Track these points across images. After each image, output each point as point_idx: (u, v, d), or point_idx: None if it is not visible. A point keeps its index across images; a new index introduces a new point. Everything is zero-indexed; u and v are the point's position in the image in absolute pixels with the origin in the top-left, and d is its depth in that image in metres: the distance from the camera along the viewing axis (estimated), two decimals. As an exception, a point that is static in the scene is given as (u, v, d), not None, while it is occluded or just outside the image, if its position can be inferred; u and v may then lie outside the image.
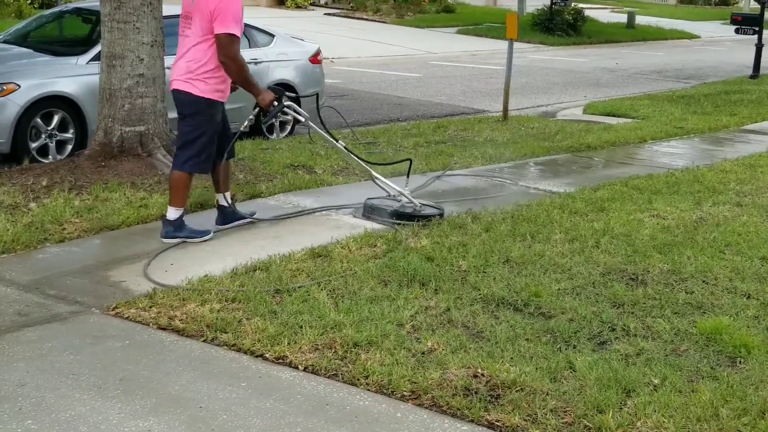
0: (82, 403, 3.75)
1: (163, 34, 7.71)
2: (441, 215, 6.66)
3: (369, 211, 6.74)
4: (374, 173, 6.79)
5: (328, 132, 6.63)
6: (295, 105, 6.43)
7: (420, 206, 6.67)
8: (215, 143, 6.09)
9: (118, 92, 7.47)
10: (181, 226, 6.00)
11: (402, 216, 6.53)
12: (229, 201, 6.36)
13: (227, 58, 5.79)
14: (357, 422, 3.71)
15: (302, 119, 6.50)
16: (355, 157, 6.79)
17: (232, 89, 6.20)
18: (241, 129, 6.25)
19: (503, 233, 6.21)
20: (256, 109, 6.27)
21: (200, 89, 5.88)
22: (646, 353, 4.40)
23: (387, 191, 6.74)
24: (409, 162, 7.18)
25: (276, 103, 6.13)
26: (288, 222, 6.56)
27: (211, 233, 6.12)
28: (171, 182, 6.05)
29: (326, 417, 3.73)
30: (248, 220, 6.43)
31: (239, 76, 5.94)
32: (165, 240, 5.94)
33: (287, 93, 6.36)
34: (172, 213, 5.98)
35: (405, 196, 6.67)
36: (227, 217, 6.35)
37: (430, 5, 34.51)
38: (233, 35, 5.78)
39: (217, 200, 6.39)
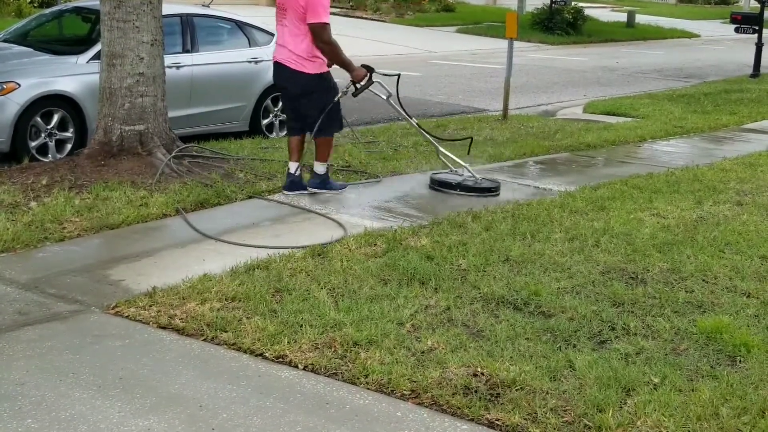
0: (81, 402, 3.75)
1: (163, 33, 7.70)
2: (498, 188, 7.54)
3: (436, 183, 7.60)
4: (441, 148, 7.78)
5: (404, 110, 7.64)
6: (381, 82, 7.37)
7: (480, 180, 7.58)
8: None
9: (118, 91, 7.46)
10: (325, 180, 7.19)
11: (465, 188, 7.45)
12: (296, 171, 7.18)
13: (323, 43, 6.85)
14: (357, 421, 3.71)
15: (384, 97, 7.49)
16: (425, 133, 7.87)
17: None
18: (336, 99, 7.09)
19: (503, 232, 6.21)
20: (349, 82, 7.20)
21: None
22: (646, 352, 4.40)
23: (450, 167, 7.73)
24: (470, 139, 8.40)
25: (367, 78, 7.15)
26: (288, 222, 6.56)
27: (347, 186, 7.36)
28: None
29: (326, 416, 3.73)
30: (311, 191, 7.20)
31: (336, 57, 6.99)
32: (311, 189, 7.12)
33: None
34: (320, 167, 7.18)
35: (468, 170, 7.61)
36: (294, 185, 7.18)
37: (429, 4, 34.49)
38: (326, 24, 6.81)
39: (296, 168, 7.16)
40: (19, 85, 8.27)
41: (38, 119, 8.37)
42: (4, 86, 8.21)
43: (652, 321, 4.79)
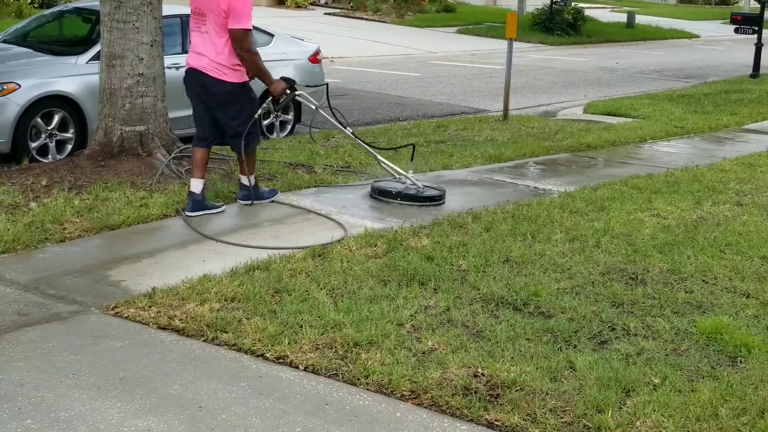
0: (81, 403, 3.75)
1: (162, 34, 7.71)
2: (442, 197, 7.16)
3: (376, 192, 7.22)
4: (380, 157, 7.37)
5: (337, 119, 7.16)
6: (305, 93, 6.96)
7: (423, 188, 7.20)
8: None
9: (119, 92, 7.46)
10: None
11: (406, 197, 7.07)
12: (201, 190, 6.65)
13: (244, 51, 6.39)
14: (356, 422, 3.71)
15: (313, 106, 7.06)
16: (361, 143, 7.44)
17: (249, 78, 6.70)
18: (255, 116, 6.60)
19: (504, 233, 6.21)
20: (269, 98, 6.77)
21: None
22: (646, 353, 4.40)
23: (392, 174, 7.33)
24: (412, 147, 7.68)
25: (288, 91, 6.68)
26: (288, 223, 6.56)
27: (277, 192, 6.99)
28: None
29: (326, 417, 3.73)
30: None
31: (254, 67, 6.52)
32: (241, 201, 6.80)
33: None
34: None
35: (409, 178, 7.22)
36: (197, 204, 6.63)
37: (430, 5, 34.49)
38: (249, 30, 6.38)
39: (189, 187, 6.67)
40: (20, 85, 8.27)
41: (39, 120, 8.37)
42: (5, 87, 8.21)
43: (653, 321, 4.79)
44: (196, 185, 6.58)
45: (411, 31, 29.00)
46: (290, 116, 10.63)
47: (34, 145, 8.34)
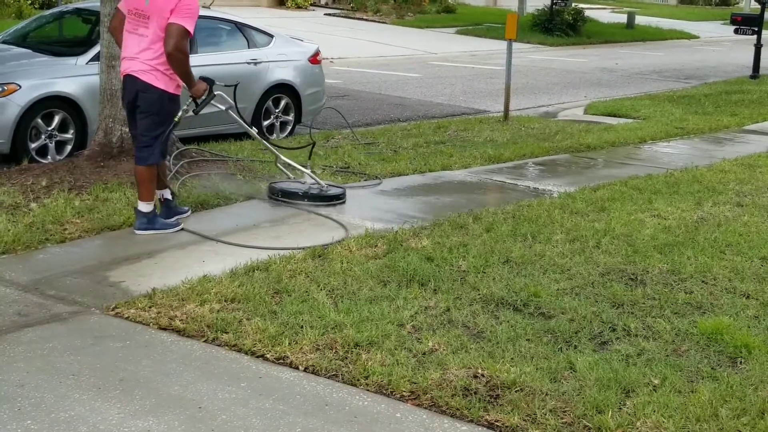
0: (81, 404, 3.75)
1: (162, 35, 7.69)
2: (344, 194, 7.11)
3: (277, 194, 7.03)
4: (282, 157, 7.27)
5: (244, 120, 7.17)
6: (222, 94, 6.70)
7: (326, 187, 7.11)
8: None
9: (119, 92, 7.43)
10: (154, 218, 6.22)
11: (312, 197, 6.94)
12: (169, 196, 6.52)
13: (177, 50, 5.97)
14: (356, 422, 3.71)
15: (224, 108, 6.87)
16: (264, 141, 7.41)
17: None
18: (175, 120, 6.25)
19: (504, 233, 6.21)
20: (189, 100, 6.40)
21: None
22: (647, 353, 4.40)
23: (289, 175, 7.27)
24: (312, 144, 7.62)
25: (207, 92, 6.35)
26: (289, 223, 6.56)
27: (181, 225, 6.30)
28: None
29: (325, 417, 3.73)
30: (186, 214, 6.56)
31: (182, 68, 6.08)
32: (138, 232, 6.13)
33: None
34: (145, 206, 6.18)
35: (312, 177, 7.11)
36: (171, 210, 6.47)
37: (430, 6, 34.50)
38: (189, 31, 6.02)
39: (163, 195, 6.47)
40: (20, 86, 8.27)
41: (39, 120, 8.37)
42: (5, 88, 8.21)
43: (653, 322, 4.79)
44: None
45: (411, 31, 29.00)
46: (290, 117, 10.64)
47: (33, 145, 8.34)
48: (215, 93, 6.48)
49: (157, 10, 5.98)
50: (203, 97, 6.33)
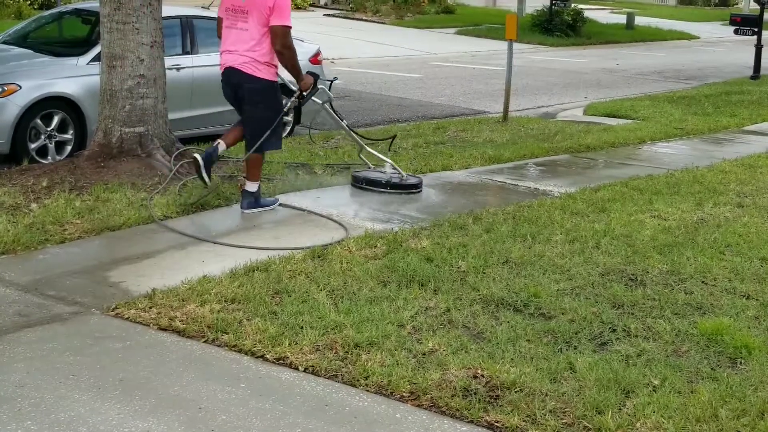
0: (81, 404, 3.75)
1: (162, 35, 7.71)
2: (420, 184, 7.58)
3: (361, 182, 7.52)
4: (367, 148, 7.72)
5: (338, 114, 7.50)
6: (324, 88, 7.22)
7: (405, 176, 7.58)
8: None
9: (119, 93, 7.46)
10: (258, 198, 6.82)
11: (395, 186, 7.41)
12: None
13: (285, 47, 6.52)
14: (356, 423, 3.71)
15: (321, 102, 7.30)
16: (351, 133, 7.72)
17: None
18: (284, 110, 6.85)
19: (504, 234, 6.21)
20: (297, 92, 6.91)
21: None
22: (647, 354, 4.40)
23: (369, 165, 7.76)
24: (392, 138, 8.32)
25: (313, 86, 6.87)
26: (289, 223, 6.56)
27: (279, 201, 6.94)
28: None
29: (325, 418, 3.73)
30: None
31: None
32: (246, 211, 6.69)
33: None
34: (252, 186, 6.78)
35: (394, 166, 7.57)
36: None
37: (429, 6, 34.50)
38: (290, 27, 6.55)
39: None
40: (20, 86, 8.27)
41: (38, 121, 8.37)
42: (5, 88, 8.21)
43: (653, 323, 4.79)
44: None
45: (411, 32, 29.00)
46: (290, 117, 10.63)
47: (33, 146, 8.34)
48: (318, 87, 6.94)
49: (256, 6, 6.45)
50: (309, 90, 6.86)
